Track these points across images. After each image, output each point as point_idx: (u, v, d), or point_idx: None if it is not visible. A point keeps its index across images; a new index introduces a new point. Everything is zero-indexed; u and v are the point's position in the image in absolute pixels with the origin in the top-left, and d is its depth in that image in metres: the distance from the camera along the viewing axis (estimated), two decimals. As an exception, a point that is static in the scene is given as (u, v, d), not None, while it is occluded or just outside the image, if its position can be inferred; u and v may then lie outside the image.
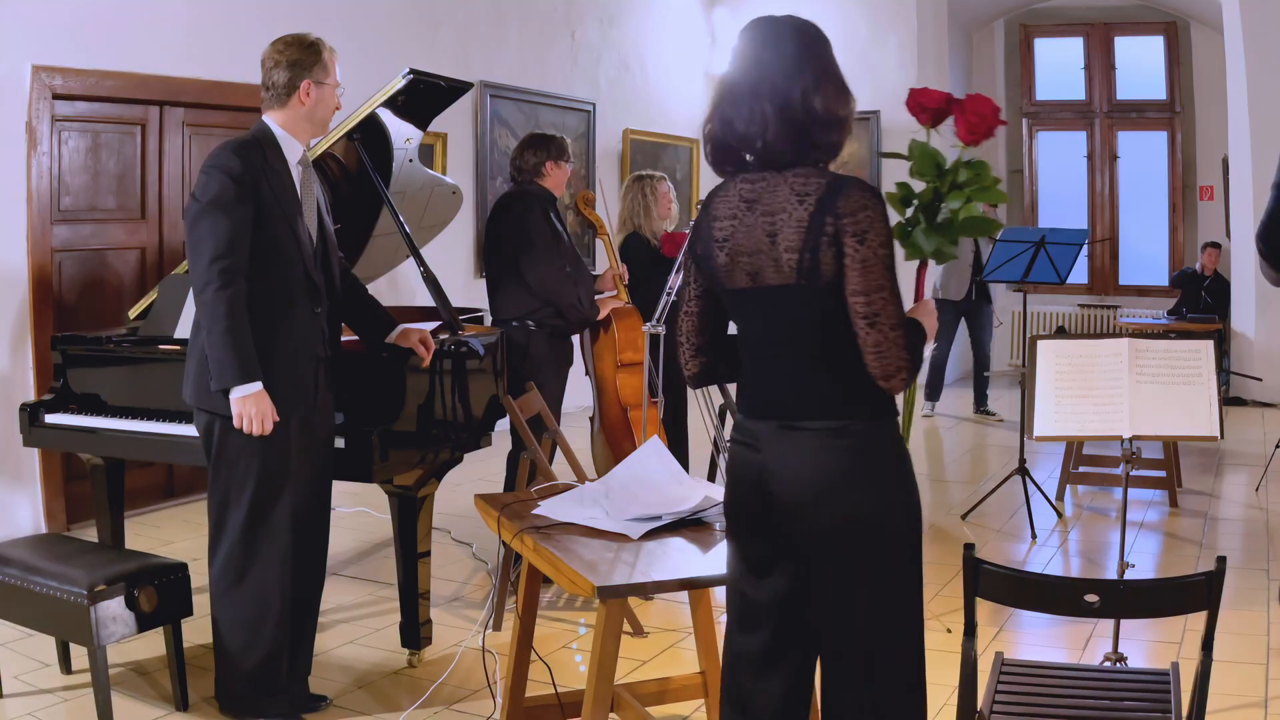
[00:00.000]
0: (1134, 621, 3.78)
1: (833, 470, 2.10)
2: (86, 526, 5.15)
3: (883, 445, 2.14)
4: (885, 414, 2.15)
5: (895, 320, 2.05)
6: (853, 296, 2.06)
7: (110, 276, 5.65)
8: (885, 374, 2.07)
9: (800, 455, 2.12)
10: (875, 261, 2.04)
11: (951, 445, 7.81)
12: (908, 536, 2.18)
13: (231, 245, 3.02)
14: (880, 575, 2.14)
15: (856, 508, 2.10)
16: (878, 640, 2.17)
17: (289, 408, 3.15)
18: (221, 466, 3.17)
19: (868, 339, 2.06)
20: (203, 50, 5.81)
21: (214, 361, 3.03)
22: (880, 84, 10.11)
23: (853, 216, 2.04)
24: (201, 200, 3.07)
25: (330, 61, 3.25)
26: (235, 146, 3.12)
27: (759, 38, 2.16)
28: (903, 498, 2.15)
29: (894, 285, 2.06)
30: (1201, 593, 2.15)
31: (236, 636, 3.20)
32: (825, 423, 2.11)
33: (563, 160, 4.75)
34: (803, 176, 2.11)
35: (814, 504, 2.11)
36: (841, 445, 2.10)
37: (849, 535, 2.11)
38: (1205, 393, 3.35)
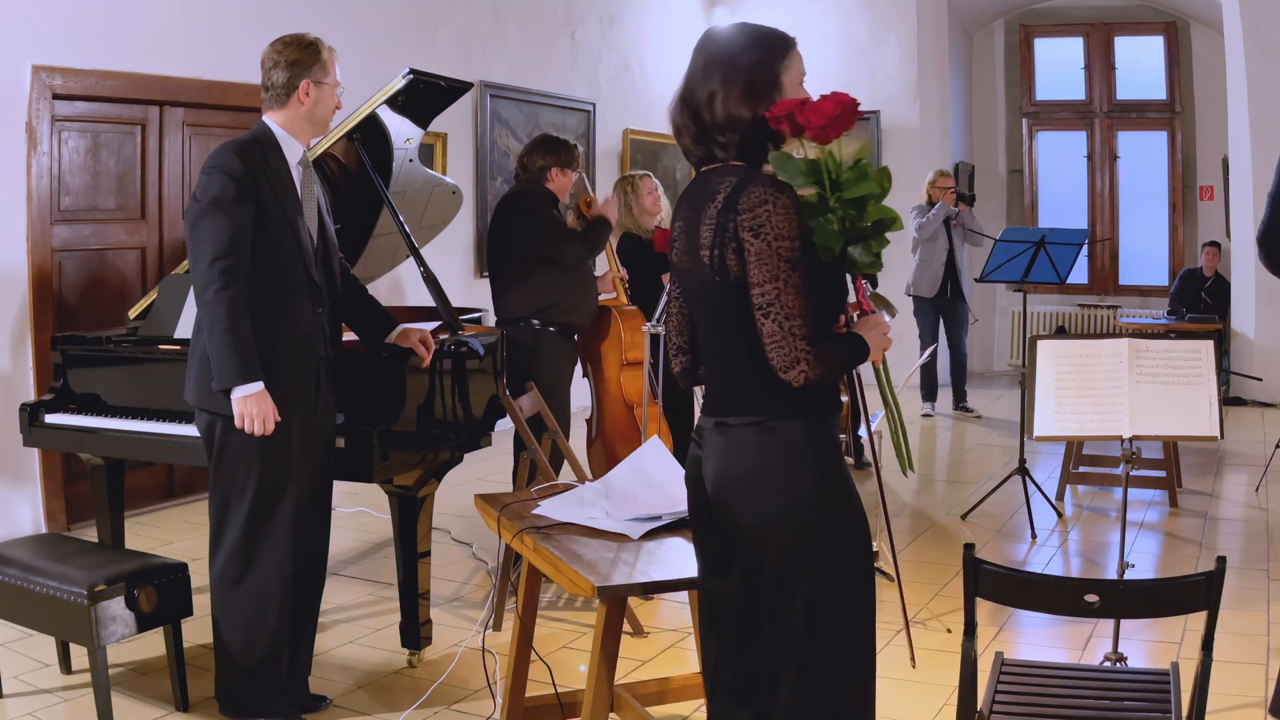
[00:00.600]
0: (1134, 621, 3.78)
1: (752, 467, 2.11)
2: (86, 526, 5.16)
3: (805, 443, 2.11)
4: (814, 412, 2.13)
5: (791, 311, 2.04)
6: (751, 289, 2.07)
7: (110, 276, 5.65)
8: (782, 365, 2.05)
9: (727, 452, 2.14)
10: (769, 254, 2.05)
11: (951, 445, 7.81)
12: (832, 539, 2.12)
13: (232, 245, 3.03)
14: (802, 577, 2.10)
15: (773, 505, 2.09)
16: (806, 643, 2.12)
17: (290, 408, 3.15)
18: (222, 467, 3.17)
19: (763, 329, 2.07)
20: (202, 50, 5.81)
21: (215, 362, 3.03)
22: (880, 84, 10.13)
23: (751, 212, 2.06)
24: (202, 200, 3.07)
25: (329, 61, 3.25)
26: (235, 147, 3.12)
27: (696, 47, 2.26)
28: (825, 498, 2.11)
29: (792, 278, 2.05)
30: (1201, 593, 2.15)
31: (236, 636, 3.20)
32: (749, 419, 2.12)
33: (569, 169, 4.76)
34: (719, 175, 2.16)
35: (738, 501, 2.13)
36: (762, 442, 2.11)
37: (768, 533, 2.10)
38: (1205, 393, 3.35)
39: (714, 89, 2.16)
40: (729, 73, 2.17)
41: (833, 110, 2.11)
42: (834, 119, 2.11)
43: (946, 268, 8.28)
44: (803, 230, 2.08)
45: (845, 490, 2.15)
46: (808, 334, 2.04)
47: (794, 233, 2.06)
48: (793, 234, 2.06)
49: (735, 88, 2.15)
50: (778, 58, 2.21)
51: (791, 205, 2.07)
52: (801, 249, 2.06)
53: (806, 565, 2.09)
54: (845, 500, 2.15)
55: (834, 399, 2.18)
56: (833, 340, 2.12)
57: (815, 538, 2.09)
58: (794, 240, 2.06)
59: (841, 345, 2.13)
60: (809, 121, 2.11)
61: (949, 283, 8.32)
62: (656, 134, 9.73)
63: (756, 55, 2.19)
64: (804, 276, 2.06)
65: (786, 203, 2.07)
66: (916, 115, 10.00)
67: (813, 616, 2.10)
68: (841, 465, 2.17)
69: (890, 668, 3.79)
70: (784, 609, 2.11)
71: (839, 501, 2.13)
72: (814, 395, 2.12)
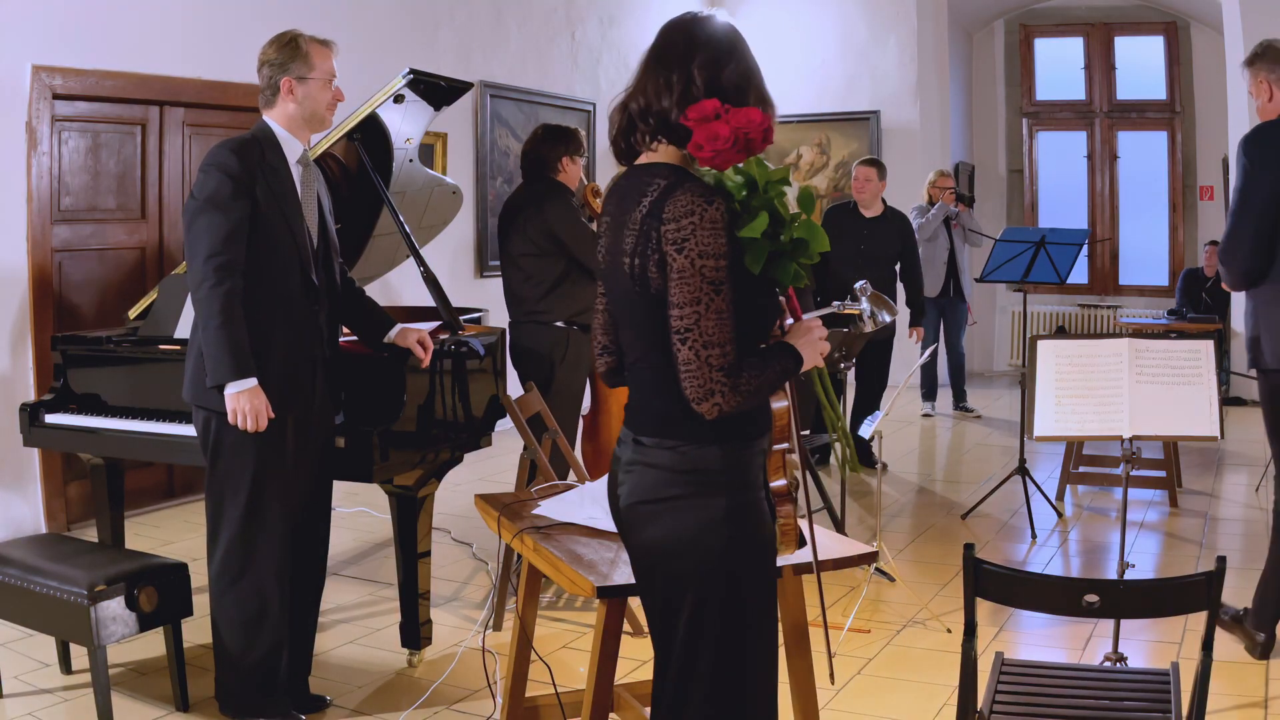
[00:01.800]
0: (1134, 621, 3.78)
1: (663, 492, 2.03)
2: (86, 526, 5.16)
3: (720, 472, 2.01)
4: (734, 438, 2.02)
5: (710, 339, 1.91)
6: (670, 309, 1.94)
7: (110, 276, 5.65)
8: (695, 396, 1.93)
9: (638, 472, 2.06)
10: (691, 273, 1.91)
11: (951, 445, 7.81)
12: (734, 567, 2.02)
13: (227, 242, 3.02)
14: (692, 610, 2.02)
15: (678, 532, 2.01)
16: (690, 677, 2.05)
17: (286, 408, 3.14)
18: (218, 464, 3.17)
19: (679, 356, 1.94)
20: (202, 50, 5.81)
21: (209, 358, 3.03)
22: (880, 84, 10.13)
23: (675, 223, 1.92)
24: (199, 198, 3.07)
25: (314, 55, 3.20)
26: (234, 145, 3.12)
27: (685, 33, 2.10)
28: (733, 529, 2.01)
29: (714, 302, 1.91)
30: (1201, 593, 2.15)
31: (235, 636, 3.20)
32: (661, 441, 2.03)
33: (578, 155, 4.71)
34: (650, 174, 2.02)
35: (643, 524, 2.06)
36: (671, 467, 2.02)
37: (663, 558, 2.04)
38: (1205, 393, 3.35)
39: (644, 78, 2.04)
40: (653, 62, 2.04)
41: (725, 140, 1.92)
42: (725, 150, 1.93)
43: (948, 267, 8.29)
44: (732, 245, 1.94)
45: (755, 519, 2.05)
46: (725, 365, 1.92)
47: (720, 250, 1.91)
48: (718, 251, 1.91)
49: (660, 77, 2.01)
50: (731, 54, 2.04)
51: (721, 220, 1.92)
52: (729, 267, 1.93)
53: (699, 594, 2.02)
54: (754, 529, 2.05)
55: (757, 423, 2.07)
56: (755, 365, 1.98)
57: (716, 565, 2.01)
58: (719, 259, 1.91)
59: (767, 366, 2.00)
60: (699, 147, 1.94)
61: (950, 282, 8.33)
62: (656, 134, 9.72)
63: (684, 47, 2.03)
64: (727, 299, 1.92)
65: (715, 216, 1.91)
66: (916, 115, 10.00)
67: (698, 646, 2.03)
68: (756, 491, 2.06)
69: (890, 668, 3.79)
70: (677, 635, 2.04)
71: (748, 531, 2.03)
72: (734, 421, 2.00)
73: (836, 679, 3.67)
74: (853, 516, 5.52)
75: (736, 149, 1.94)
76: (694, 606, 2.03)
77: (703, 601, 2.03)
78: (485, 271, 7.97)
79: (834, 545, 2.69)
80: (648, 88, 2.03)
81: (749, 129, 1.94)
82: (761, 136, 1.96)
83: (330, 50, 3.27)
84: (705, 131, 1.93)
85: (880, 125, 10.09)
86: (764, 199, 1.98)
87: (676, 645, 2.06)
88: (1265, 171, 3.45)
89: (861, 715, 3.43)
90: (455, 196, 4.66)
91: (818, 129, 10.32)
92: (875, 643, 4.00)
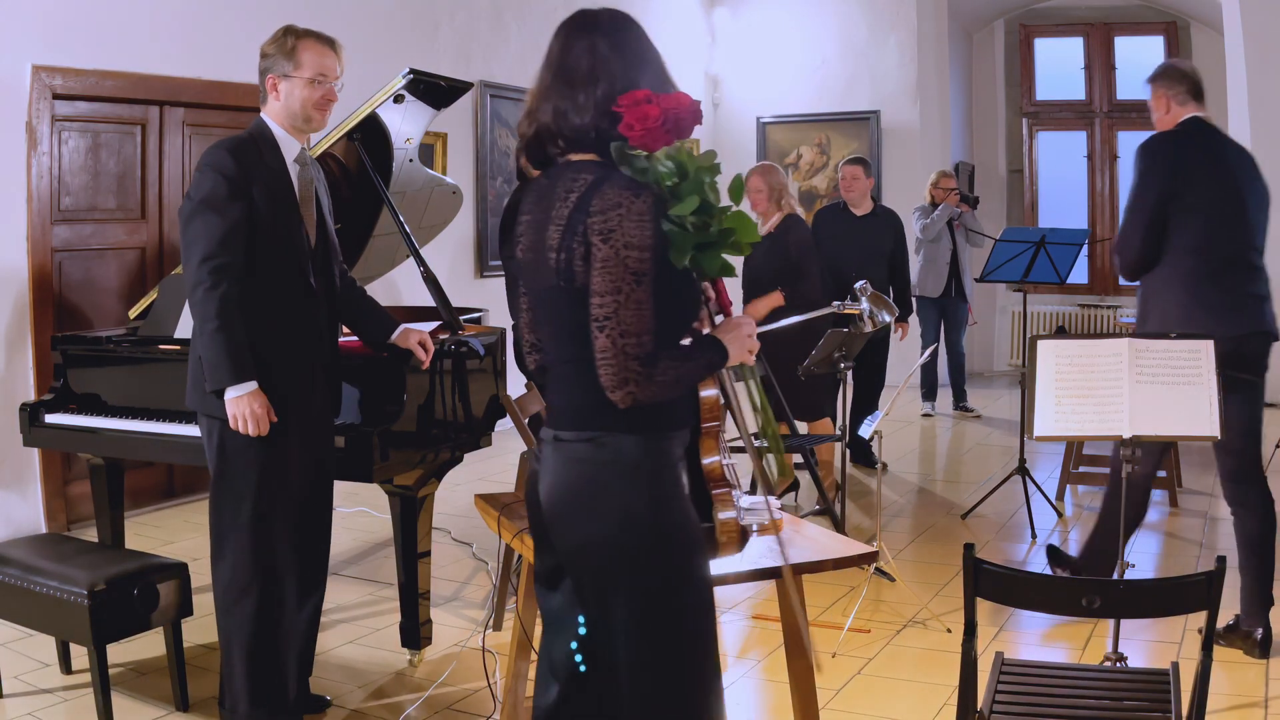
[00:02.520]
0: (1134, 621, 3.78)
1: (578, 485, 2.02)
2: (86, 526, 5.16)
3: (639, 462, 1.99)
4: (652, 428, 2.01)
5: (628, 329, 1.91)
6: (591, 297, 1.94)
7: (110, 276, 5.65)
8: (610, 384, 1.93)
9: (559, 467, 2.05)
10: (615, 263, 1.92)
11: (951, 445, 7.81)
12: (660, 559, 2.01)
13: (223, 244, 2.97)
14: (626, 598, 2.01)
15: (601, 525, 2.00)
16: (633, 669, 2.03)
17: (286, 413, 3.10)
18: (223, 473, 3.11)
19: (596, 343, 1.94)
20: (203, 50, 5.81)
21: (207, 363, 2.98)
22: (880, 84, 10.13)
23: (603, 215, 1.93)
24: (194, 199, 3.02)
25: (302, 52, 3.12)
26: (230, 145, 3.08)
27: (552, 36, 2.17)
28: (656, 518, 1.99)
29: (635, 292, 1.92)
30: (1201, 593, 2.16)
31: (245, 649, 3.12)
32: (581, 434, 2.02)
33: None
34: (576, 170, 2.03)
35: (564, 519, 2.04)
36: (595, 459, 2.01)
37: (591, 554, 2.03)
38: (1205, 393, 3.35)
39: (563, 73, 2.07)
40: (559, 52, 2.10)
41: (655, 119, 1.94)
42: (655, 129, 1.95)
43: (950, 268, 8.30)
44: (657, 238, 1.94)
45: (678, 510, 2.04)
46: (641, 354, 1.92)
47: (645, 242, 1.92)
48: (644, 244, 1.92)
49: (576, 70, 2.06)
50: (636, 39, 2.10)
51: (648, 211, 1.93)
52: (653, 260, 1.93)
53: (631, 585, 2.01)
54: (677, 520, 2.03)
55: (677, 415, 2.06)
56: (675, 356, 1.98)
57: (641, 559, 1.99)
58: (644, 250, 1.92)
59: (688, 359, 2.00)
60: (630, 127, 1.96)
61: (952, 283, 8.34)
62: (656, 134, 9.72)
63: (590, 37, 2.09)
64: (649, 291, 1.93)
65: (642, 208, 1.93)
66: (916, 115, 10.00)
67: (637, 638, 2.02)
68: (678, 484, 2.05)
69: (890, 668, 3.79)
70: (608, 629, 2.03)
71: (670, 522, 2.02)
72: (653, 411, 1.99)
73: (837, 679, 3.67)
74: (853, 516, 5.52)
75: (666, 129, 1.96)
76: (626, 603, 2.01)
77: (634, 597, 2.01)
78: (485, 271, 7.97)
79: (834, 545, 2.69)
80: (557, 107, 2.05)
81: (679, 110, 1.97)
82: (691, 118, 1.99)
83: (326, 48, 3.17)
84: (636, 113, 1.96)
85: (880, 125, 10.09)
86: (694, 183, 1.98)
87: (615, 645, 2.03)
88: (1154, 177, 3.88)
89: (861, 715, 3.43)
90: (455, 196, 4.67)
91: (818, 129, 10.32)
92: (875, 643, 4.00)
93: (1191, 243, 3.83)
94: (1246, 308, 3.83)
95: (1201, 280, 3.81)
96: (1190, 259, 3.84)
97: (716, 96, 10.67)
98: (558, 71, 2.09)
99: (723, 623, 4.21)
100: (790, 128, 10.40)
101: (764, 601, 4.38)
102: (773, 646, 3.94)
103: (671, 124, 1.96)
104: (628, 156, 2.01)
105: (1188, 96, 3.93)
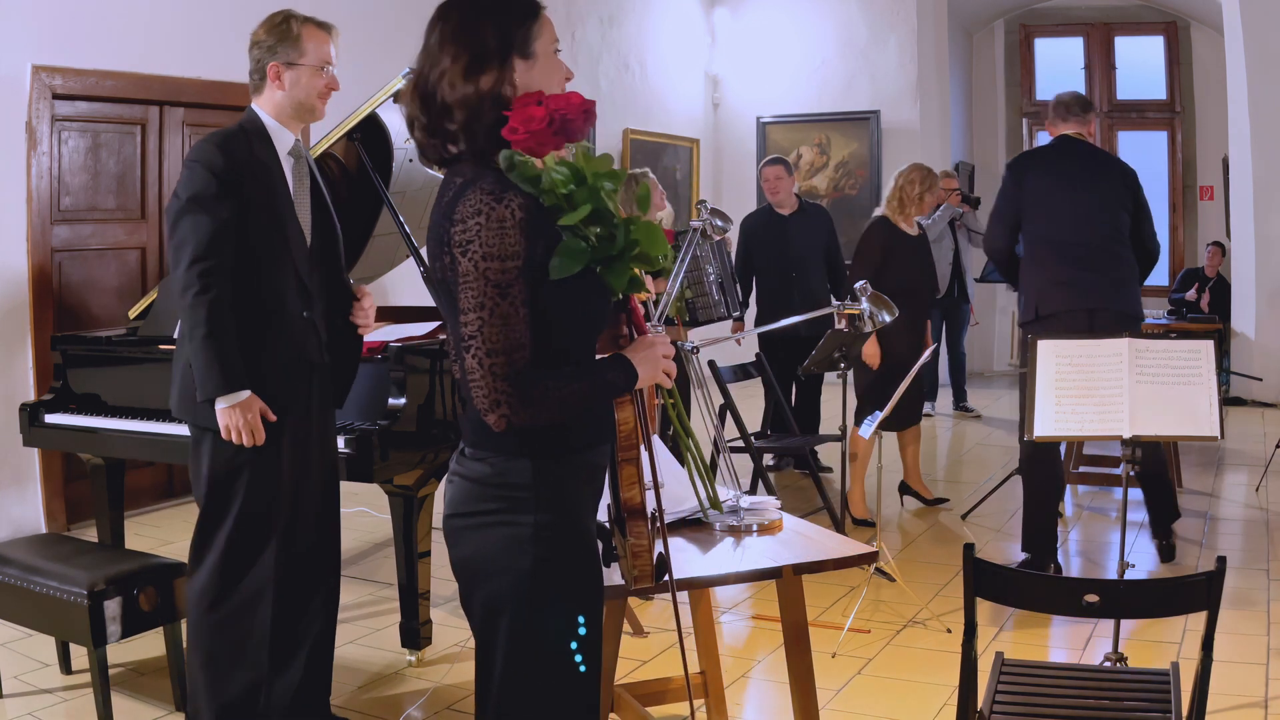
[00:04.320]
0: (1134, 621, 3.78)
1: (468, 504, 1.93)
2: (86, 526, 5.15)
3: (531, 487, 1.89)
4: (546, 452, 1.89)
5: (493, 347, 1.78)
6: (459, 315, 1.82)
7: (110, 276, 5.65)
8: (481, 407, 1.80)
9: (455, 484, 1.97)
10: (475, 277, 1.77)
11: (951, 445, 7.81)
12: (536, 594, 1.90)
13: (212, 246, 2.83)
14: (506, 627, 1.92)
15: (478, 548, 1.92)
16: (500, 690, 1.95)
17: (280, 419, 2.95)
18: (210, 484, 2.97)
19: (465, 364, 1.81)
20: (203, 50, 5.81)
21: (197, 371, 2.84)
22: (880, 84, 10.13)
23: (462, 224, 1.79)
24: (182, 197, 2.88)
25: (306, 39, 2.97)
26: (219, 139, 2.92)
27: (431, 19, 1.99)
28: (543, 548, 1.89)
29: (500, 307, 1.77)
30: (1201, 593, 2.15)
31: (208, 667, 2.98)
32: (477, 452, 1.93)
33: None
34: (454, 173, 1.90)
35: (453, 535, 1.97)
36: (482, 480, 1.92)
37: (480, 576, 1.94)
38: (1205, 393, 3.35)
39: (445, 67, 1.89)
40: (460, 46, 1.89)
41: (540, 121, 1.80)
42: (541, 132, 1.80)
43: (952, 268, 8.30)
44: (528, 246, 1.78)
45: (571, 541, 1.93)
46: (510, 373, 1.78)
47: (507, 251, 1.77)
48: (505, 253, 1.77)
49: (462, 62, 1.87)
50: (519, 23, 1.91)
51: (511, 218, 1.78)
52: (522, 271, 1.78)
53: (509, 611, 1.92)
54: (569, 552, 1.93)
55: (580, 435, 1.93)
56: (560, 376, 1.83)
57: (521, 587, 1.90)
58: (506, 260, 1.77)
59: (580, 378, 1.86)
60: (514, 130, 1.81)
61: (955, 284, 8.34)
62: (657, 134, 9.73)
63: (492, 21, 1.90)
64: (516, 304, 1.79)
65: (504, 215, 1.77)
66: (916, 115, 10.00)
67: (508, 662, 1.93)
68: (573, 511, 1.94)
69: (890, 668, 3.79)
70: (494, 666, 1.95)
71: (560, 553, 1.92)
72: (549, 434, 1.88)
73: (837, 679, 3.67)
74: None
75: (553, 130, 1.82)
76: (506, 634, 1.93)
77: (514, 629, 1.92)
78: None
79: (834, 545, 2.69)
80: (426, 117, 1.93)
81: (566, 110, 1.83)
82: (582, 118, 1.85)
83: (328, 34, 3.04)
84: (521, 115, 1.82)
85: (880, 125, 10.09)
86: (589, 191, 1.84)
87: (493, 676, 1.95)
88: (1017, 188, 4.78)
89: (861, 715, 3.43)
90: (455, 196, 4.65)
91: (818, 129, 10.32)
92: (875, 643, 4.00)
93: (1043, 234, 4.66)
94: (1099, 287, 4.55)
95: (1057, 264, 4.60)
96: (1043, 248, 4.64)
97: (716, 96, 10.67)
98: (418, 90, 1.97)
99: (723, 623, 4.21)
100: (790, 128, 10.40)
101: (764, 602, 4.38)
102: (773, 646, 3.94)
103: (559, 125, 1.82)
104: (517, 163, 1.86)
105: (1057, 119, 4.99)
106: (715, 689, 3.09)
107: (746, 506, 2.81)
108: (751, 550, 2.63)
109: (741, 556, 2.61)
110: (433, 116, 1.91)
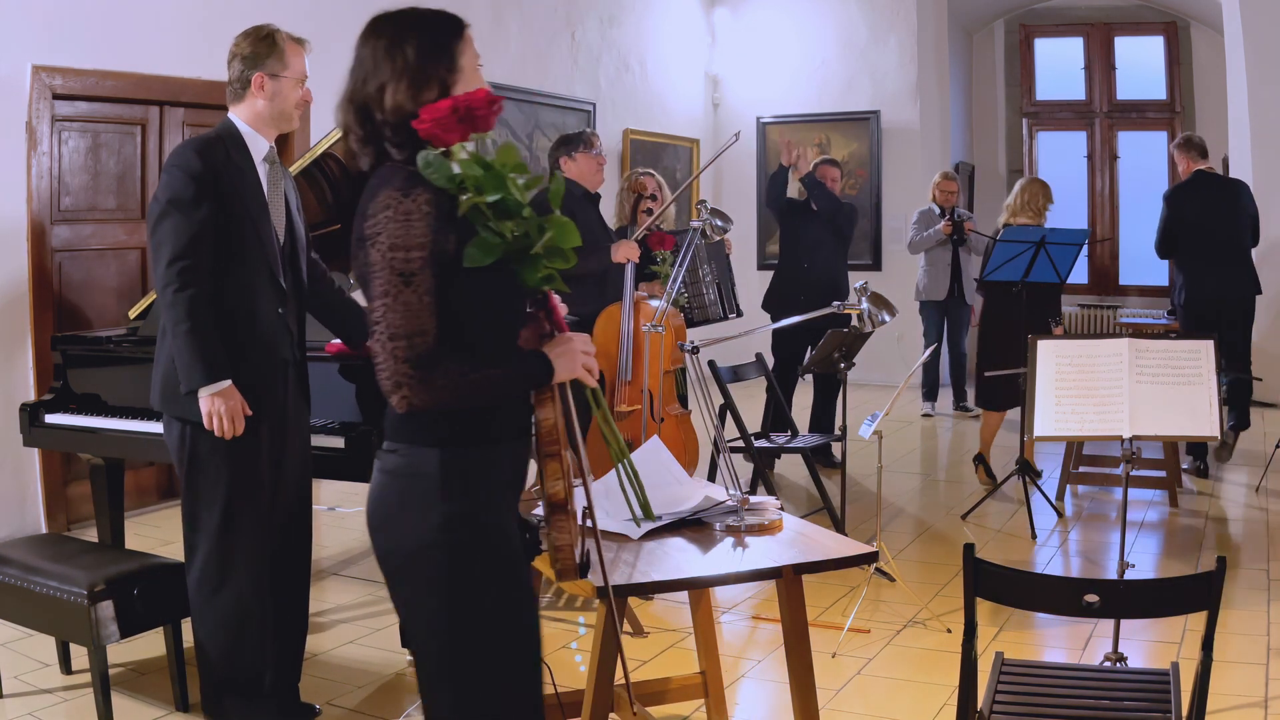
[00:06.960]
0: (1134, 621, 3.78)
1: (385, 497, 1.99)
2: (86, 526, 5.16)
3: (440, 476, 1.93)
4: (454, 441, 1.94)
5: (396, 331, 1.84)
6: (369, 303, 1.90)
7: (110, 276, 5.65)
8: (385, 389, 1.87)
9: (375, 477, 2.02)
10: (382, 266, 1.86)
11: (951, 445, 7.81)
12: (449, 584, 1.94)
13: (191, 246, 2.97)
14: (425, 619, 1.98)
15: (404, 540, 1.96)
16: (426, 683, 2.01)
17: (258, 413, 3.07)
18: (193, 474, 3.09)
19: (372, 347, 1.88)
20: (203, 50, 5.80)
21: (180, 364, 2.97)
22: (880, 84, 10.13)
23: (372, 218, 1.90)
24: (161, 200, 3.02)
25: (290, 53, 3.15)
26: (197, 144, 3.06)
27: (362, 34, 2.09)
28: (456, 537, 1.93)
29: (403, 294, 1.85)
30: (1201, 593, 2.16)
31: (217, 647, 3.11)
32: (392, 444, 1.98)
33: (576, 152, 5.08)
34: (374, 177, 2.00)
35: (375, 531, 2.01)
36: (395, 471, 1.97)
37: (400, 567, 1.99)
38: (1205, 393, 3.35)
39: (384, 81, 1.98)
40: (395, 61, 1.98)
41: (444, 110, 1.87)
42: (445, 119, 1.87)
43: (952, 270, 8.33)
44: (434, 237, 1.86)
45: (482, 532, 1.97)
46: (412, 356, 1.84)
47: (412, 242, 1.86)
48: (410, 244, 1.86)
49: (404, 78, 1.97)
50: (450, 41, 2.04)
51: (417, 211, 1.87)
52: (428, 260, 1.86)
53: (425, 603, 1.97)
54: (481, 542, 1.96)
55: (486, 429, 1.97)
56: (465, 362, 1.88)
57: (434, 576, 1.94)
58: (411, 251, 1.86)
59: (487, 366, 1.91)
60: (420, 121, 1.90)
61: (955, 285, 8.37)
62: (656, 134, 9.73)
63: (427, 40, 2.01)
64: (420, 292, 1.86)
65: (410, 208, 1.87)
66: (916, 115, 10.00)
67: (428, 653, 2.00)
68: (485, 502, 1.97)
69: (890, 668, 3.79)
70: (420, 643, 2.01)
71: (472, 544, 1.95)
72: (459, 425, 1.94)
73: (837, 679, 3.67)
74: (853, 516, 5.52)
75: (458, 118, 1.89)
76: (428, 626, 1.98)
77: (428, 614, 1.97)
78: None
79: (834, 545, 2.69)
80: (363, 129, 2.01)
81: (472, 101, 1.91)
82: (486, 108, 1.92)
83: (304, 49, 3.20)
84: (428, 108, 1.91)
85: (880, 125, 10.09)
86: (495, 179, 1.89)
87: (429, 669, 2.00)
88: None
89: (861, 715, 3.43)
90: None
91: (818, 129, 10.32)
92: (875, 643, 4.00)
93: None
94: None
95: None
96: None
97: (716, 96, 10.67)
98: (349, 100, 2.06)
99: (723, 623, 4.21)
100: (790, 128, 10.40)
101: (764, 601, 4.38)
102: (773, 647, 3.94)
103: (463, 113, 1.89)
104: (432, 161, 1.91)
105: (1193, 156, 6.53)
106: (715, 689, 3.09)
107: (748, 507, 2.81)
108: (751, 550, 2.64)
109: (741, 556, 2.61)
110: (370, 128, 2.00)
